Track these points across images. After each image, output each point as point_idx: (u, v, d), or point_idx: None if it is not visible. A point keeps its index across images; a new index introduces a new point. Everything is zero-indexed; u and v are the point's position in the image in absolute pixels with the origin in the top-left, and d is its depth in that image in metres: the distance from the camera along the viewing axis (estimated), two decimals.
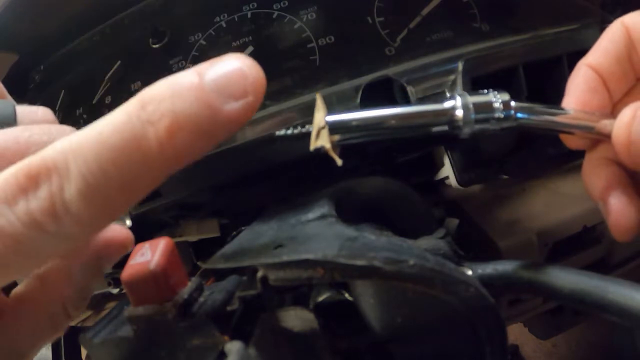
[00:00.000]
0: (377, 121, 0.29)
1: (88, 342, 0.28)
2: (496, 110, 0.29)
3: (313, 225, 0.33)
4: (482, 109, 0.29)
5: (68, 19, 0.57)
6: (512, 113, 0.29)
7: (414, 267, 0.26)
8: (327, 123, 0.28)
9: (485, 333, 0.27)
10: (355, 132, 0.29)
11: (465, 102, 0.29)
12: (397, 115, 0.29)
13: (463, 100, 0.29)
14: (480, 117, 0.29)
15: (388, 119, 0.29)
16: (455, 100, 0.29)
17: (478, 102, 0.29)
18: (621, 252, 0.52)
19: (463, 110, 0.29)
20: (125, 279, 0.26)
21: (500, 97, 0.29)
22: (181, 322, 0.26)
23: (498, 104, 0.29)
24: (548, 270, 0.29)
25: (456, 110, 0.29)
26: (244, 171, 0.44)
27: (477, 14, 0.47)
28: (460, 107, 0.29)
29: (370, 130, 0.29)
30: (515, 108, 0.29)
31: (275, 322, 0.29)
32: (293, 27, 0.49)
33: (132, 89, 0.51)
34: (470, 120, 0.29)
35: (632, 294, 0.25)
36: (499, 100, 0.29)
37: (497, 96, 0.29)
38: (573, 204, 0.47)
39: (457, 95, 0.29)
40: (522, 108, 0.29)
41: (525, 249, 0.45)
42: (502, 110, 0.29)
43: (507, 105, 0.29)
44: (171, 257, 0.26)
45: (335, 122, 0.29)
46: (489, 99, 0.29)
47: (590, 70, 0.31)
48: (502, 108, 0.29)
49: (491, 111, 0.29)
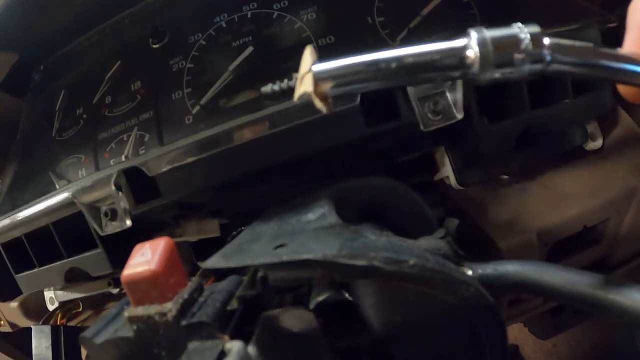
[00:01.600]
0: (372, 65, 0.24)
1: (88, 342, 0.28)
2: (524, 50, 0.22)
3: (313, 225, 0.33)
4: (504, 47, 0.22)
5: (68, 19, 0.57)
6: (544, 53, 0.22)
7: (414, 267, 0.26)
8: (310, 69, 0.24)
9: (485, 333, 0.27)
10: (347, 80, 0.25)
11: (482, 38, 0.22)
12: (397, 57, 0.24)
13: (479, 35, 0.22)
14: (503, 60, 0.22)
15: (385, 62, 0.24)
16: (469, 35, 0.23)
17: (499, 37, 0.22)
18: (621, 252, 0.52)
19: (479, 49, 0.22)
20: (125, 279, 0.26)
21: (528, 30, 0.22)
22: (181, 322, 0.26)
23: (526, 41, 0.22)
24: (548, 270, 0.29)
25: (470, 49, 0.22)
26: (244, 171, 0.44)
27: (477, 14, 0.47)
28: (475, 45, 0.22)
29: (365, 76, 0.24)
30: (549, 47, 0.22)
31: (275, 322, 0.29)
32: (293, 27, 0.49)
33: (132, 89, 0.51)
34: (489, 62, 0.22)
35: (632, 294, 0.25)
36: (526, 34, 0.22)
37: (525, 29, 0.22)
38: (573, 204, 0.47)
39: (470, 30, 0.23)
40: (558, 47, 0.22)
41: (525, 249, 0.45)
42: (531, 50, 0.22)
43: (538, 42, 0.22)
44: (171, 257, 0.26)
45: (321, 68, 0.24)
46: (513, 33, 0.22)
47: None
48: (532, 47, 0.22)
49: (517, 50, 0.22)
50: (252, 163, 0.44)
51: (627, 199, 0.48)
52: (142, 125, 0.49)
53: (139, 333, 0.26)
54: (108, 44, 0.57)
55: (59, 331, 0.60)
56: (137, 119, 0.50)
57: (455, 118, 0.40)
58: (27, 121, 0.62)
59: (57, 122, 0.57)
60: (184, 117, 0.48)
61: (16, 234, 0.53)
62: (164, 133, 0.48)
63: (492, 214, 0.48)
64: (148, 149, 0.48)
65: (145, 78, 0.51)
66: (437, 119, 0.40)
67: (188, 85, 0.49)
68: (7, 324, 0.70)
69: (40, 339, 0.59)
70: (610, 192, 0.48)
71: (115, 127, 0.51)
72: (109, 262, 0.48)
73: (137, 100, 0.51)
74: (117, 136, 0.50)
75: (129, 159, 0.48)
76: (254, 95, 0.47)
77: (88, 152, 0.52)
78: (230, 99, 0.47)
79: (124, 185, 0.45)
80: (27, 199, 0.52)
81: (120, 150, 0.49)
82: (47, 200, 0.49)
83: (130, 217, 0.46)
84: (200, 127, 0.46)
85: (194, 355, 0.25)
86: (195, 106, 0.48)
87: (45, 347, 0.59)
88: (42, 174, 0.54)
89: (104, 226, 0.47)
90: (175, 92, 0.49)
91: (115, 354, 0.28)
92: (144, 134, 0.49)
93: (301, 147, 0.42)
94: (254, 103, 0.46)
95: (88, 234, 0.48)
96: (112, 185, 0.45)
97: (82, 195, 0.47)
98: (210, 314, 0.27)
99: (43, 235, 0.51)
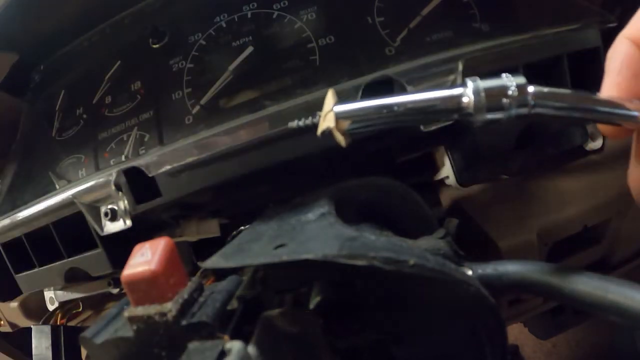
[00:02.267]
0: (384, 108, 0.28)
1: (88, 342, 0.28)
2: (510, 97, 0.26)
3: (313, 225, 0.33)
4: (495, 94, 0.26)
5: (68, 19, 0.57)
6: (528, 100, 0.26)
7: (414, 267, 0.26)
8: (332, 109, 0.29)
9: (485, 333, 0.27)
10: (363, 119, 0.29)
11: (477, 87, 0.26)
12: (404, 102, 0.28)
13: (474, 85, 0.26)
14: (493, 105, 0.26)
15: (395, 106, 0.28)
16: (465, 85, 0.27)
17: (490, 87, 0.26)
18: (621, 252, 0.52)
19: (474, 96, 0.26)
20: (125, 279, 0.26)
21: (515, 81, 0.26)
22: (181, 322, 0.26)
23: (513, 89, 0.26)
24: (547, 270, 0.29)
25: (465, 97, 0.26)
26: (244, 171, 0.44)
27: (477, 14, 0.47)
28: (470, 93, 0.26)
29: (378, 117, 0.28)
30: (533, 95, 0.26)
31: (275, 322, 0.29)
32: (293, 27, 0.49)
33: (132, 89, 0.51)
34: (481, 107, 0.26)
35: (632, 294, 0.25)
36: (513, 84, 0.26)
37: (512, 80, 0.26)
38: (573, 204, 0.47)
39: (467, 80, 0.27)
40: (541, 94, 0.26)
41: (525, 249, 0.45)
42: (517, 97, 0.26)
43: (523, 91, 0.26)
44: (171, 257, 0.26)
45: (342, 109, 0.29)
46: (503, 83, 0.26)
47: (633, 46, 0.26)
48: (517, 94, 0.26)
49: (505, 97, 0.26)
50: (252, 163, 0.44)
51: (627, 199, 0.47)
52: (142, 125, 0.49)
53: (139, 333, 0.26)
54: (108, 44, 0.57)
55: (59, 331, 0.60)
56: (137, 119, 0.50)
57: (455, 118, 0.40)
58: (27, 121, 0.62)
59: (57, 122, 0.57)
60: (184, 117, 0.48)
61: (16, 234, 0.53)
62: (164, 133, 0.48)
63: (492, 214, 0.48)
64: (148, 149, 0.48)
65: (145, 78, 0.51)
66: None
67: (188, 85, 0.49)
68: (7, 324, 0.70)
69: (40, 339, 0.59)
70: (610, 192, 0.48)
71: (115, 127, 0.51)
72: (109, 262, 0.48)
73: (137, 100, 0.51)
74: (117, 136, 0.50)
75: (129, 159, 0.48)
76: (254, 95, 0.47)
77: (88, 152, 0.52)
78: (230, 99, 0.47)
79: (124, 185, 0.45)
80: (27, 199, 0.52)
81: (120, 150, 0.49)
82: (47, 200, 0.49)
83: (130, 217, 0.46)
84: (200, 127, 0.46)
85: (194, 355, 0.25)
86: (195, 106, 0.48)
87: (45, 347, 0.59)
88: (42, 174, 0.54)
89: (104, 226, 0.47)
90: (175, 92, 0.49)
91: (115, 354, 0.28)
92: (144, 134, 0.49)
93: (301, 147, 0.42)
94: (254, 103, 0.46)
95: (88, 234, 0.48)
96: (112, 185, 0.45)
97: (82, 195, 0.47)
98: (210, 314, 0.27)
99: (43, 235, 0.51)
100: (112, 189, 0.45)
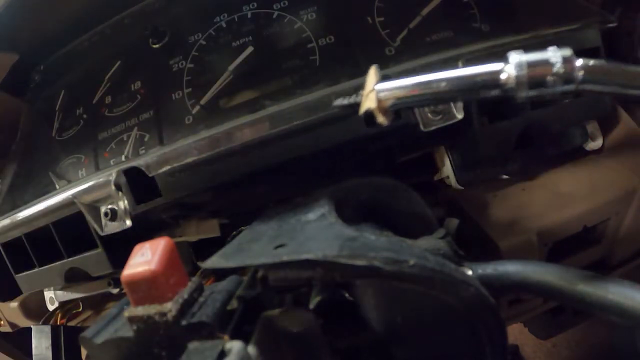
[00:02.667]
0: (423, 85, 0.28)
1: (88, 342, 0.28)
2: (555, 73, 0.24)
3: (313, 225, 0.33)
4: (538, 70, 0.24)
5: (68, 19, 0.57)
6: (575, 75, 0.24)
7: (414, 267, 0.26)
8: (374, 88, 0.29)
9: (485, 333, 0.27)
10: (404, 96, 0.29)
11: (519, 61, 0.25)
12: (443, 79, 0.27)
13: (516, 59, 0.25)
14: (536, 81, 0.24)
15: (434, 82, 0.28)
16: (507, 60, 0.25)
17: (534, 60, 0.25)
18: (621, 252, 0.52)
19: (515, 71, 0.25)
20: (125, 279, 0.26)
21: (561, 54, 0.24)
22: (181, 322, 0.26)
23: (558, 64, 0.24)
24: (548, 270, 0.29)
25: (504, 73, 0.25)
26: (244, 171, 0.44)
27: (477, 14, 0.47)
28: (512, 68, 0.25)
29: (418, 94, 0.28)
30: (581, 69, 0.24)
31: (275, 322, 0.29)
32: (293, 27, 0.49)
33: (132, 89, 0.51)
34: (523, 83, 0.24)
35: (632, 294, 0.25)
36: (559, 58, 0.24)
37: (557, 53, 0.24)
38: (573, 204, 0.47)
39: (510, 54, 0.25)
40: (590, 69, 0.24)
41: (525, 249, 0.45)
42: (562, 73, 0.24)
43: (570, 65, 0.24)
44: (171, 257, 0.26)
45: (384, 86, 0.29)
46: (546, 57, 0.24)
47: None
48: (563, 70, 0.24)
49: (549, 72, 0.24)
50: (252, 163, 0.44)
51: (627, 199, 0.48)
52: (142, 125, 0.49)
53: (139, 333, 0.26)
54: (108, 44, 0.57)
55: (59, 331, 0.60)
56: (137, 119, 0.50)
57: (456, 118, 0.40)
58: (27, 121, 0.62)
59: (57, 122, 0.57)
60: (184, 117, 0.48)
61: (16, 234, 0.53)
62: (164, 133, 0.48)
63: (492, 214, 0.48)
64: (148, 149, 0.48)
65: (145, 78, 0.51)
66: (437, 119, 0.40)
67: (188, 85, 0.49)
68: (7, 324, 0.70)
69: (40, 339, 0.59)
70: (610, 192, 0.48)
71: (115, 127, 0.51)
72: (109, 262, 0.48)
73: (137, 100, 0.51)
74: (117, 136, 0.50)
75: (129, 159, 0.48)
76: (254, 95, 0.47)
77: (88, 152, 0.52)
78: (230, 99, 0.47)
79: (124, 185, 0.45)
80: (27, 199, 0.52)
81: (120, 150, 0.49)
82: (47, 200, 0.49)
83: (130, 217, 0.46)
84: (200, 127, 0.46)
85: (194, 355, 0.25)
86: (195, 106, 0.48)
87: (45, 347, 0.59)
88: (42, 174, 0.54)
89: (104, 226, 0.47)
90: (175, 92, 0.49)
91: (115, 354, 0.28)
92: (144, 134, 0.49)
93: (301, 147, 0.42)
94: (254, 103, 0.46)
95: (88, 234, 0.48)
96: (112, 185, 0.45)
97: (82, 195, 0.47)
98: (210, 314, 0.27)
99: (43, 235, 0.51)
100: (112, 189, 0.45)
